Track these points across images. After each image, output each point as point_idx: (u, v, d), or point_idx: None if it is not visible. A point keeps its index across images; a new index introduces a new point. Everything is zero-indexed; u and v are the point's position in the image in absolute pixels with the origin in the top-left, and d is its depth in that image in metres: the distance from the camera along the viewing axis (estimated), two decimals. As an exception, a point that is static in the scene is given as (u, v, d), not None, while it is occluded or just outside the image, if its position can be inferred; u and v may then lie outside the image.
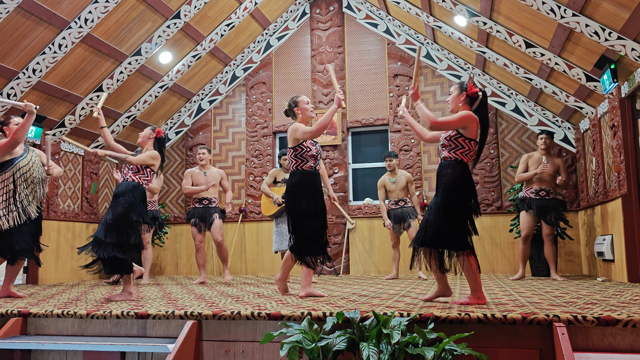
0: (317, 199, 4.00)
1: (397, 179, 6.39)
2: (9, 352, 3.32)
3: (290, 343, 2.53)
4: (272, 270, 8.12)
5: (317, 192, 4.01)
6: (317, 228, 3.97)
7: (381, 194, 6.48)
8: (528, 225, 5.93)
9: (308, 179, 4.00)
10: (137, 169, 4.28)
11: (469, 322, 2.71)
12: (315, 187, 4.02)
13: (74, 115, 7.02)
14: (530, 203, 5.92)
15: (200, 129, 8.82)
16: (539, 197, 5.90)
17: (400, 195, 6.37)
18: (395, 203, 6.39)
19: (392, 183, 6.38)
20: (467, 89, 3.42)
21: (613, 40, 4.62)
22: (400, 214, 6.33)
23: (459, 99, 3.44)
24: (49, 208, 6.99)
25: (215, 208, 6.27)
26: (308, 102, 4.25)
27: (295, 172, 4.03)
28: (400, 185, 6.36)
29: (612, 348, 2.58)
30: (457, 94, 3.45)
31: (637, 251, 5.10)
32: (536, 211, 5.86)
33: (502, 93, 7.62)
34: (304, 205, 3.94)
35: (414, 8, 7.11)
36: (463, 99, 3.43)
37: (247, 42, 8.54)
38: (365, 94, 8.21)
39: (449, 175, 3.37)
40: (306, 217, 3.94)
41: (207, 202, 6.26)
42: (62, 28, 5.95)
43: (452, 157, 3.41)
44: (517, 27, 5.73)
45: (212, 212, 6.23)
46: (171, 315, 3.15)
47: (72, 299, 4.28)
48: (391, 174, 6.45)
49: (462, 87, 3.45)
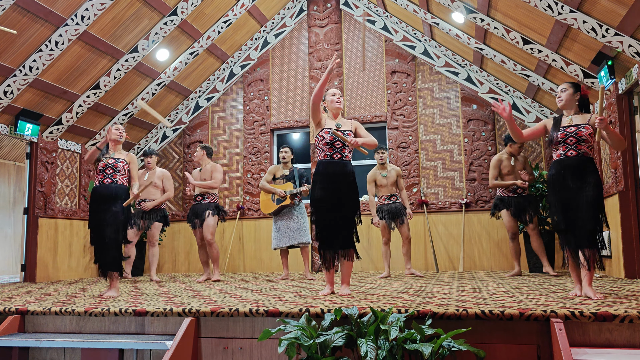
0: (330, 188, 3.82)
1: (388, 173, 6.22)
2: (7, 349, 3.32)
3: (288, 339, 2.53)
4: (271, 268, 8.13)
5: (329, 182, 3.83)
6: (330, 219, 3.81)
7: (371, 188, 6.23)
8: (511, 224, 6.00)
9: (322, 168, 3.89)
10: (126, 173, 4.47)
11: (466, 318, 2.72)
12: (328, 176, 3.84)
13: (70, 112, 7.00)
14: (508, 202, 5.99)
15: (197, 126, 8.81)
16: (516, 195, 5.99)
17: (391, 190, 6.21)
18: (387, 198, 6.23)
19: (383, 177, 6.20)
20: (581, 90, 3.63)
21: (610, 36, 4.63)
22: (394, 209, 6.17)
23: (574, 97, 3.61)
24: (46, 206, 6.98)
25: (208, 204, 6.16)
26: (334, 94, 4.06)
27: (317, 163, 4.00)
28: (391, 179, 6.20)
29: (609, 343, 2.60)
30: (572, 92, 3.62)
31: (634, 247, 5.12)
32: (514, 211, 5.95)
33: (500, 90, 7.63)
34: (317, 195, 3.86)
35: (411, 5, 7.10)
36: (577, 98, 3.61)
37: (245, 39, 8.53)
38: (363, 91, 8.21)
39: (596, 172, 3.47)
40: (318, 208, 3.85)
41: (200, 199, 6.21)
42: (58, 25, 5.93)
43: (590, 154, 3.54)
44: (514, 24, 5.73)
45: (205, 208, 6.13)
46: (169, 312, 3.16)
47: (70, 296, 4.28)
48: (381, 168, 6.26)
49: (577, 87, 3.63)
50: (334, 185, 3.84)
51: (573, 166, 3.46)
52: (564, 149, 3.53)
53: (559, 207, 3.48)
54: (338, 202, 3.83)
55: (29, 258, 6.78)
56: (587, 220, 3.35)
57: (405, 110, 7.95)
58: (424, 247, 7.61)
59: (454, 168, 7.73)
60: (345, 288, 3.90)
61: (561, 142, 3.54)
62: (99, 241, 4.30)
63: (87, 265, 7.74)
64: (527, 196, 6.01)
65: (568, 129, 3.54)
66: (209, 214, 6.07)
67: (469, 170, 7.62)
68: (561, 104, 3.64)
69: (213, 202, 6.20)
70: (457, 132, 7.78)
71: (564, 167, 3.49)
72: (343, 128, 3.96)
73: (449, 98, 7.87)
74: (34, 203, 6.84)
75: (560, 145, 3.55)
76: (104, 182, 4.38)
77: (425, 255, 7.59)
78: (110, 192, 4.33)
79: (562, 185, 3.48)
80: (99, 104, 7.30)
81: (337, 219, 3.82)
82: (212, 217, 6.07)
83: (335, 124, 3.96)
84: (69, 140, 7.46)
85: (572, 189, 3.44)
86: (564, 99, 3.62)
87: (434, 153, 7.82)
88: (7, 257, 9.31)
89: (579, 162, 3.47)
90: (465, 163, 7.66)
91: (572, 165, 3.47)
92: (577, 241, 3.38)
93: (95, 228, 4.33)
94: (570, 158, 3.50)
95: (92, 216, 4.38)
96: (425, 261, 7.59)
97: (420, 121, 7.94)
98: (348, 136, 3.90)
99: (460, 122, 7.77)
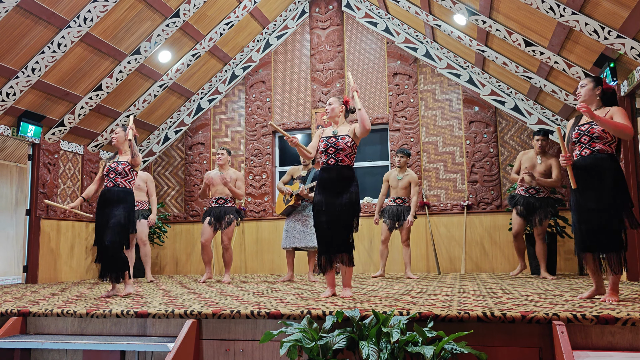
0: (326, 193, 3.89)
1: (403, 176, 6.32)
2: (8, 351, 3.32)
3: (290, 342, 2.53)
4: (272, 269, 8.13)
5: (325, 187, 3.91)
6: (325, 223, 3.87)
7: (384, 187, 6.40)
8: (517, 223, 5.93)
9: (320, 174, 4.02)
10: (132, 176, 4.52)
11: (468, 320, 2.71)
12: (324, 181, 3.94)
13: (73, 114, 7.01)
14: (518, 201, 5.90)
15: (199, 128, 8.82)
16: (528, 195, 5.86)
17: (400, 193, 6.31)
18: (393, 200, 6.33)
19: (397, 180, 6.31)
20: (603, 84, 3.45)
21: (612, 38, 4.62)
22: (396, 211, 6.26)
23: (594, 92, 3.46)
24: (48, 207, 7.00)
25: (230, 208, 6.13)
26: (328, 103, 4.25)
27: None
28: (403, 184, 6.29)
29: (612, 346, 2.59)
30: (592, 87, 3.46)
31: (636, 250, 5.11)
32: (523, 211, 5.84)
33: (502, 92, 7.62)
34: (315, 199, 3.98)
35: (413, 7, 7.11)
36: (598, 92, 3.45)
37: (247, 41, 8.54)
38: (365, 92, 8.20)
39: (614, 168, 3.28)
40: (316, 212, 3.95)
41: (222, 202, 6.14)
42: (61, 27, 5.95)
43: (608, 150, 3.35)
44: (516, 26, 5.72)
45: (227, 211, 6.09)
46: (171, 314, 3.15)
47: (71, 298, 4.28)
48: (400, 171, 6.37)
49: (598, 81, 3.47)
50: (329, 190, 3.90)
51: (587, 165, 3.33)
52: (579, 148, 3.41)
53: (578, 210, 3.35)
54: (333, 206, 3.85)
55: (31, 259, 6.79)
56: (608, 221, 3.21)
57: (407, 112, 7.95)
58: (425, 249, 7.60)
59: (455, 170, 7.72)
60: (346, 290, 3.91)
61: (576, 142, 3.41)
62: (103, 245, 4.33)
63: (88, 266, 7.75)
64: (542, 198, 5.81)
65: (582, 127, 3.41)
66: (232, 218, 6.07)
67: (471, 172, 7.62)
68: (581, 100, 3.48)
69: (234, 207, 6.18)
70: (459, 134, 7.77)
71: (579, 168, 3.36)
72: (339, 134, 4.03)
73: (451, 100, 7.87)
74: (36, 204, 6.85)
75: (576, 145, 3.42)
76: (107, 186, 4.46)
77: (427, 257, 7.59)
78: (112, 196, 4.38)
79: (578, 187, 3.35)
80: (101, 106, 7.32)
81: (331, 223, 3.85)
82: (232, 221, 6.08)
83: (332, 132, 4.06)
84: (71, 142, 7.47)
85: (587, 190, 3.30)
86: (583, 94, 3.47)
87: (436, 155, 7.82)
88: (9, 258, 9.32)
89: (594, 161, 3.32)
90: (467, 165, 7.65)
91: (585, 165, 3.33)
92: (599, 244, 3.24)
93: (99, 232, 4.38)
94: (585, 158, 3.36)
95: (96, 220, 4.45)
96: (427, 263, 7.59)
97: (422, 123, 7.94)
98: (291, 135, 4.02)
99: (462, 124, 7.76)
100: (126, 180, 4.46)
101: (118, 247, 4.31)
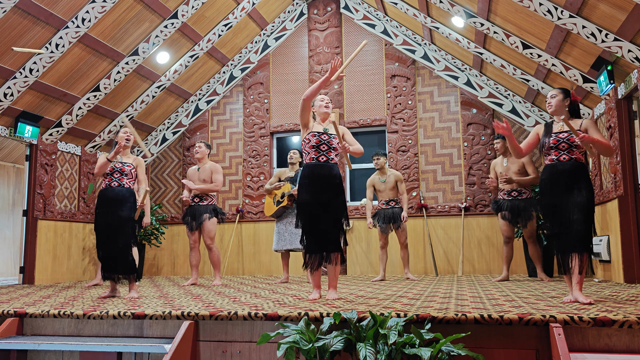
0: (316, 191, 3.77)
1: (387, 178, 6.25)
2: (5, 352, 3.31)
3: (287, 343, 2.53)
4: (270, 271, 8.12)
5: (315, 185, 3.78)
6: (316, 222, 3.75)
7: (369, 193, 6.31)
8: (506, 228, 5.89)
9: (308, 171, 3.84)
10: (133, 177, 4.52)
11: (465, 322, 2.71)
12: (314, 179, 3.80)
13: (70, 115, 7.00)
14: (501, 205, 5.89)
15: (197, 129, 8.81)
16: (511, 198, 5.84)
17: (390, 195, 6.25)
18: (385, 203, 6.26)
19: (381, 182, 6.24)
20: (571, 96, 3.62)
21: (610, 41, 4.64)
22: (391, 214, 6.20)
23: (564, 103, 3.62)
24: (45, 208, 6.98)
25: (206, 207, 5.78)
26: (322, 99, 4.03)
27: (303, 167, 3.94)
28: (390, 184, 6.23)
29: (608, 348, 2.59)
30: (561, 98, 3.62)
31: (633, 252, 5.12)
32: (508, 215, 5.82)
33: (499, 94, 7.63)
34: (303, 198, 3.81)
35: (411, 9, 7.12)
36: (567, 103, 3.62)
37: (245, 42, 8.54)
38: (363, 94, 8.22)
39: (588, 177, 3.48)
40: (304, 211, 3.79)
41: (197, 200, 5.82)
42: (59, 28, 5.94)
43: (582, 160, 3.54)
44: (514, 29, 5.74)
45: (203, 210, 5.75)
46: (168, 315, 3.15)
47: (68, 299, 4.27)
48: (380, 173, 6.28)
49: (567, 93, 3.63)
50: (320, 188, 3.79)
51: (566, 171, 3.47)
52: (557, 154, 3.53)
53: (550, 211, 3.49)
54: (324, 205, 3.78)
55: (28, 260, 6.78)
56: (578, 224, 3.35)
57: (404, 114, 7.96)
58: (423, 250, 7.60)
59: (453, 172, 7.73)
60: (332, 292, 3.81)
61: (553, 148, 3.54)
62: (108, 245, 4.30)
63: (85, 267, 7.73)
64: (524, 199, 5.81)
65: (560, 135, 3.55)
66: (207, 217, 5.73)
67: (469, 174, 7.63)
68: (551, 110, 3.65)
69: (211, 205, 5.82)
70: (456, 136, 7.78)
71: (557, 171, 3.49)
72: (330, 132, 3.91)
73: (449, 102, 7.88)
74: (33, 205, 6.83)
75: (553, 151, 3.55)
76: (110, 185, 4.40)
77: (425, 259, 7.59)
78: (117, 195, 4.35)
79: (554, 189, 3.48)
80: (99, 107, 7.31)
81: (323, 222, 3.77)
82: (210, 220, 5.75)
83: (323, 128, 3.91)
84: (68, 143, 7.46)
85: (564, 193, 3.44)
86: (553, 104, 3.62)
87: (434, 157, 7.83)
88: (6, 259, 9.30)
89: (572, 167, 3.47)
90: (464, 167, 7.66)
91: (565, 170, 3.47)
92: (568, 245, 3.38)
93: (102, 231, 4.32)
94: (564, 163, 3.50)
95: (98, 219, 4.36)
96: (424, 265, 7.59)
97: (419, 125, 7.95)
98: (335, 140, 3.89)
99: (460, 126, 7.78)
100: (130, 181, 4.48)
101: (129, 248, 4.30)
